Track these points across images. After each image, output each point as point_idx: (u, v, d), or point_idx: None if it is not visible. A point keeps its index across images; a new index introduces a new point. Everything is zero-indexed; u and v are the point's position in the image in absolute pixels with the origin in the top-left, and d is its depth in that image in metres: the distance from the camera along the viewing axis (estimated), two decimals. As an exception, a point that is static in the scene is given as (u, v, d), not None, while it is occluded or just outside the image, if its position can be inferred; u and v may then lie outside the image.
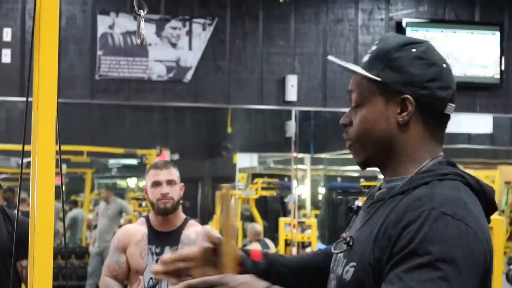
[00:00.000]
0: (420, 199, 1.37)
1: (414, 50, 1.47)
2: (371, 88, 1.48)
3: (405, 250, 1.32)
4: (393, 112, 1.46)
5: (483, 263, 1.35)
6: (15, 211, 2.81)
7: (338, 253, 1.53)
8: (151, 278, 3.32)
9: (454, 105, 1.50)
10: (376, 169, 1.56)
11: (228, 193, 1.54)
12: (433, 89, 1.46)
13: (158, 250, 3.34)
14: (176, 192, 3.37)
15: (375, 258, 1.39)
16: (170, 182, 3.36)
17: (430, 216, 1.33)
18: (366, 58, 1.52)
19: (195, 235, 3.37)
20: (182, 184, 3.45)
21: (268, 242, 9.33)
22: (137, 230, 3.44)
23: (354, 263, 1.43)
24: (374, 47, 1.52)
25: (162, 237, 3.36)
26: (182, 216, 3.44)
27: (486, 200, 1.46)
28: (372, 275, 1.39)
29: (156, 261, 3.33)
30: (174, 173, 3.40)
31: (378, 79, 1.47)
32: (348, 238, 1.48)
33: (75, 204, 14.12)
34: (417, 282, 1.28)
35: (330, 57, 1.58)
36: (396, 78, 1.46)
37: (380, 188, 1.54)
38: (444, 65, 1.49)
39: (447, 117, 1.51)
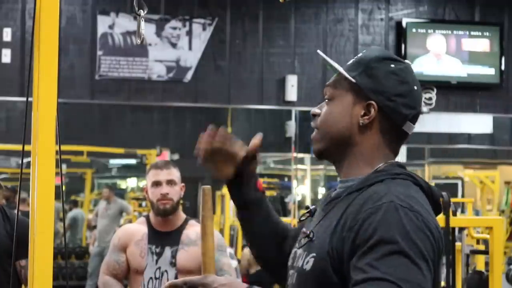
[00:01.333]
0: (377, 193, 1.48)
1: (392, 65, 1.61)
2: (345, 87, 1.62)
3: (371, 240, 1.41)
4: (357, 113, 1.59)
5: (438, 251, 1.46)
6: (15, 211, 2.81)
7: (298, 248, 1.63)
8: (151, 278, 3.32)
9: (414, 125, 1.61)
10: None
11: (207, 194, 1.57)
12: (398, 103, 1.58)
13: (158, 250, 3.34)
14: (176, 192, 3.37)
15: (333, 248, 1.49)
16: (170, 182, 3.35)
17: (390, 208, 1.43)
18: (350, 62, 1.66)
19: (195, 235, 3.37)
20: (183, 184, 3.44)
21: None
22: (137, 229, 3.43)
23: (314, 254, 1.53)
24: (360, 54, 1.67)
25: (162, 237, 3.36)
26: (182, 216, 3.44)
27: (434, 201, 1.57)
28: (330, 263, 1.49)
29: (156, 261, 3.32)
30: (174, 173, 3.39)
31: (353, 80, 1.60)
32: (309, 232, 1.59)
33: (75, 204, 14.12)
34: (390, 267, 1.37)
35: (320, 52, 1.73)
36: (369, 84, 1.59)
37: (335, 189, 1.67)
38: (415, 87, 1.61)
39: (405, 134, 1.62)
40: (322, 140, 1.64)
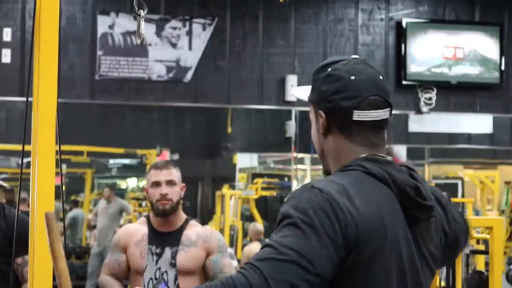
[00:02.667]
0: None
1: (329, 69, 1.68)
2: (311, 108, 1.73)
3: (278, 220, 1.51)
4: (319, 126, 1.69)
5: (347, 233, 1.48)
6: (15, 210, 2.80)
7: None
8: (151, 279, 3.31)
9: (365, 111, 1.63)
10: None
11: (51, 219, 1.55)
12: (337, 100, 1.63)
13: (158, 251, 3.34)
14: (176, 193, 3.35)
15: None
16: (170, 183, 3.34)
17: (297, 190, 1.54)
18: None
19: (195, 236, 3.36)
20: (183, 184, 3.43)
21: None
22: (137, 229, 3.43)
23: None
24: None
25: (163, 237, 3.35)
26: (183, 216, 3.43)
27: (399, 189, 1.58)
28: None
29: (156, 261, 3.32)
30: (174, 174, 3.37)
31: (306, 99, 1.72)
32: None
33: (75, 204, 14.10)
34: (281, 237, 1.46)
35: (293, 93, 1.94)
36: (314, 97, 1.69)
37: None
38: (352, 77, 1.65)
39: (364, 122, 1.64)
40: (320, 160, 1.74)
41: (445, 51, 8.11)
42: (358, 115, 1.63)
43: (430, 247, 1.63)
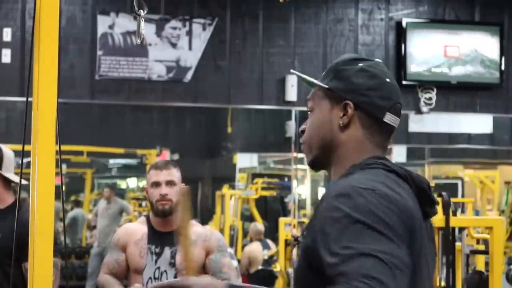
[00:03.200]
0: (338, 183, 1.56)
1: (360, 64, 1.66)
2: (321, 95, 1.68)
3: (336, 225, 1.43)
4: (336, 116, 1.64)
5: (409, 227, 1.46)
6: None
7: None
8: (150, 278, 3.31)
9: (396, 117, 1.65)
10: None
11: (185, 194, 1.56)
12: (372, 97, 1.62)
13: (157, 250, 3.34)
14: (176, 193, 3.36)
15: (306, 244, 1.53)
16: (169, 183, 3.34)
17: (347, 190, 1.47)
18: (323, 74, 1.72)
19: (195, 236, 3.36)
20: (183, 184, 3.43)
21: (270, 242, 9.33)
22: (137, 229, 3.43)
23: (299, 252, 1.59)
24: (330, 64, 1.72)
25: (162, 237, 3.35)
26: (182, 216, 3.43)
27: (417, 187, 1.58)
28: (307, 259, 1.52)
29: (156, 261, 3.32)
30: (174, 174, 3.37)
31: (325, 86, 1.67)
32: (296, 235, 1.70)
33: (77, 204, 14.10)
34: (363, 244, 1.38)
35: (293, 71, 1.83)
36: (340, 86, 1.64)
37: None
38: (387, 79, 1.66)
39: (389, 127, 1.65)
40: (310, 151, 1.69)
41: (445, 51, 8.11)
42: (388, 118, 1.64)
43: (433, 242, 1.67)
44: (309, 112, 1.73)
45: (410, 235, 1.47)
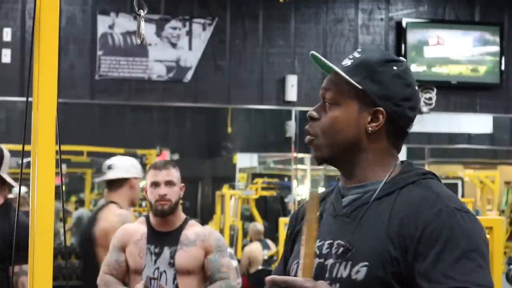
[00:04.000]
0: (426, 197, 1.48)
1: (395, 68, 1.58)
2: (349, 92, 1.57)
3: (436, 248, 1.41)
4: (364, 120, 1.56)
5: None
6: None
7: (336, 262, 1.54)
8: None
9: (412, 123, 1.62)
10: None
11: (315, 198, 1.52)
12: (404, 107, 1.57)
13: (157, 250, 3.34)
14: (175, 193, 3.35)
15: (392, 256, 1.46)
16: (168, 183, 3.33)
17: (449, 213, 1.44)
18: (348, 63, 1.60)
19: (194, 235, 3.37)
20: (183, 184, 3.42)
21: (269, 242, 9.33)
22: (136, 229, 3.43)
23: (366, 263, 1.48)
24: (357, 55, 1.61)
25: (161, 237, 3.35)
26: (182, 216, 3.43)
27: None
28: (390, 272, 1.46)
29: (155, 261, 3.32)
30: (173, 174, 3.37)
31: (359, 86, 1.56)
32: (345, 243, 1.53)
33: (81, 203, 14.07)
34: (462, 274, 1.38)
35: (315, 53, 1.64)
36: (376, 90, 1.56)
37: (342, 195, 1.62)
38: (417, 87, 1.62)
39: (407, 134, 1.62)
40: (327, 148, 1.61)
41: (445, 51, 8.11)
42: (411, 127, 1.61)
43: None
44: (328, 103, 1.61)
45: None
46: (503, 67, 8.17)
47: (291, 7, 7.84)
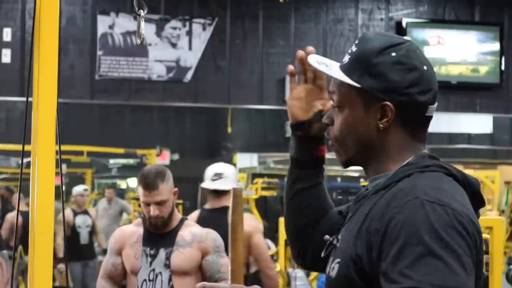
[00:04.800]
0: (403, 189, 1.39)
1: (394, 54, 1.47)
2: (351, 92, 1.49)
3: (397, 243, 1.31)
4: (373, 118, 1.47)
5: (475, 246, 1.35)
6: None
7: (330, 257, 1.52)
8: (145, 280, 3.31)
9: (435, 106, 1.50)
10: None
11: (239, 196, 1.47)
12: (413, 94, 1.45)
13: (152, 252, 3.32)
14: (167, 208, 3.29)
15: (357, 253, 1.39)
16: (159, 203, 3.29)
17: (416, 204, 1.33)
18: (346, 59, 1.52)
19: (190, 236, 3.35)
20: (176, 189, 3.37)
21: (269, 242, 9.32)
22: (132, 231, 3.42)
23: (339, 259, 1.44)
24: (354, 48, 1.52)
25: (157, 238, 3.34)
26: (178, 216, 3.41)
27: (472, 192, 1.46)
28: (354, 269, 1.39)
29: (150, 263, 3.32)
30: (163, 193, 3.26)
31: (358, 85, 1.47)
32: (332, 238, 1.50)
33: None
34: (423, 274, 1.27)
35: (311, 59, 1.57)
36: (375, 85, 1.46)
37: (367, 189, 1.56)
38: (425, 67, 1.50)
39: (429, 118, 1.51)
40: (345, 152, 1.53)
41: (445, 51, 8.11)
42: (430, 111, 1.48)
43: None
44: (335, 108, 1.53)
45: (477, 254, 1.36)
46: (503, 67, 8.17)
47: (291, 7, 7.84)
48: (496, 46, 8.20)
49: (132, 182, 20.08)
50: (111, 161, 17.68)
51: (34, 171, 1.78)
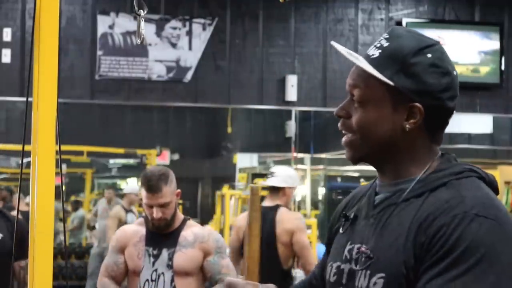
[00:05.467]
0: (448, 202, 1.34)
1: (429, 55, 1.44)
2: (380, 89, 1.43)
3: (441, 256, 1.28)
4: (400, 118, 1.42)
5: None
6: (14, 212, 2.80)
7: (349, 264, 1.46)
8: (147, 280, 3.31)
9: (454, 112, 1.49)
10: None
11: (256, 194, 1.45)
12: (444, 99, 1.43)
13: (155, 252, 3.33)
14: (170, 210, 3.30)
15: (408, 268, 1.34)
16: (162, 206, 3.28)
17: (464, 219, 1.29)
18: (376, 53, 1.46)
19: (193, 236, 3.35)
20: (178, 190, 3.37)
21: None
22: (135, 231, 3.42)
23: (382, 274, 1.38)
24: (385, 43, 1.46)
25: (160, 238, 3.34)
26: (180, 217, 3.41)
27: (493, 188, 1.46)
28: (405, 285, 1.34)
29: (153, 263, 3.31)
30: (166, 195, 3.27)
31: (391, 83, 1.42)
32: (367, 251, 1.43)
33: (77, 203, 14.09)
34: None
35: (340, 48, 1.49)
36: (410, 85, 1.41)
37: (376, 193, 1.50)
38: (455, 72, 1.47)
39: (448, 123, 1.50)
40: (359, 148, 1.46)
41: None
42: (451, 115, 1.47)
43: None
44: (358, 101, 1.45)
45: None
46: (503, 67, 8.17)
47: (291, 7, 7.83)
48: (496, 46, 8.19)
49: (132, 182, 20.08)
50: (111, 161, 17.70)
51: (34, 171, 1.78)
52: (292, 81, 7.70)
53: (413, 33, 1.50)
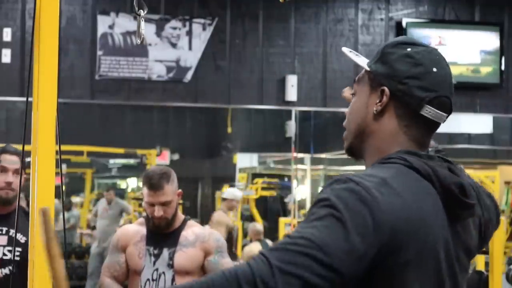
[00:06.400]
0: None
1: (409, 49, 1.53)
2: (363, 77, 1.56)
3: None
4: (373, 102, 1.52)
5: (376, 231, 1.34)
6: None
7: None
8: (148, 280, 3.31)
9: (435, 110, 1.50)
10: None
11: (47, 214, 1.44)
12: (410, 86, 1.49)
13: (156, 252, 3.33)
14: (171, 209, 3.30)
15: None
16: (164, 204, 3.29)
17: (327, 185, 1.40)
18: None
19: (193, 236, 3.36)
20: (179, 190, 3.38)
21: (269, 242, 9.33)
22: (136, 230, 3.42)
23: None
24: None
25: (161, 238, 3.35)
26: (181, 217, 3.41)
27: (442, 186, 1.45)
28: None
29: (154, 262, 3.32)
30: (168, 193, 3.27)
31: (367, 68, 1.55)
32: None
33: (69, 204, 14.06)
34: (301, 227, 1.33)
35: (344, 49, 1.62)
36: (381, 70, 1.52)
37: None
38: (434, 69, 1.51)
39: (427, 120, 1.51)
40: (347, 137, 1.58)
41: (444, 51, 8.11)
42: (427, 111, 1.49)
43: (469, 244, 1.53)
44: (353, 97, 1.60)
45: (394, 245, 1.35)
46: (503, 67, 8.17)
47: (291, 7, 7.84)
48: (496, 46, 8.20)
49: (132, 182, 20.09)
50: (111, 161, 17.70)
51: (34, 171, 1.78)
52: (292, 81, 7.71)
53: (411, 38, 1.62)
